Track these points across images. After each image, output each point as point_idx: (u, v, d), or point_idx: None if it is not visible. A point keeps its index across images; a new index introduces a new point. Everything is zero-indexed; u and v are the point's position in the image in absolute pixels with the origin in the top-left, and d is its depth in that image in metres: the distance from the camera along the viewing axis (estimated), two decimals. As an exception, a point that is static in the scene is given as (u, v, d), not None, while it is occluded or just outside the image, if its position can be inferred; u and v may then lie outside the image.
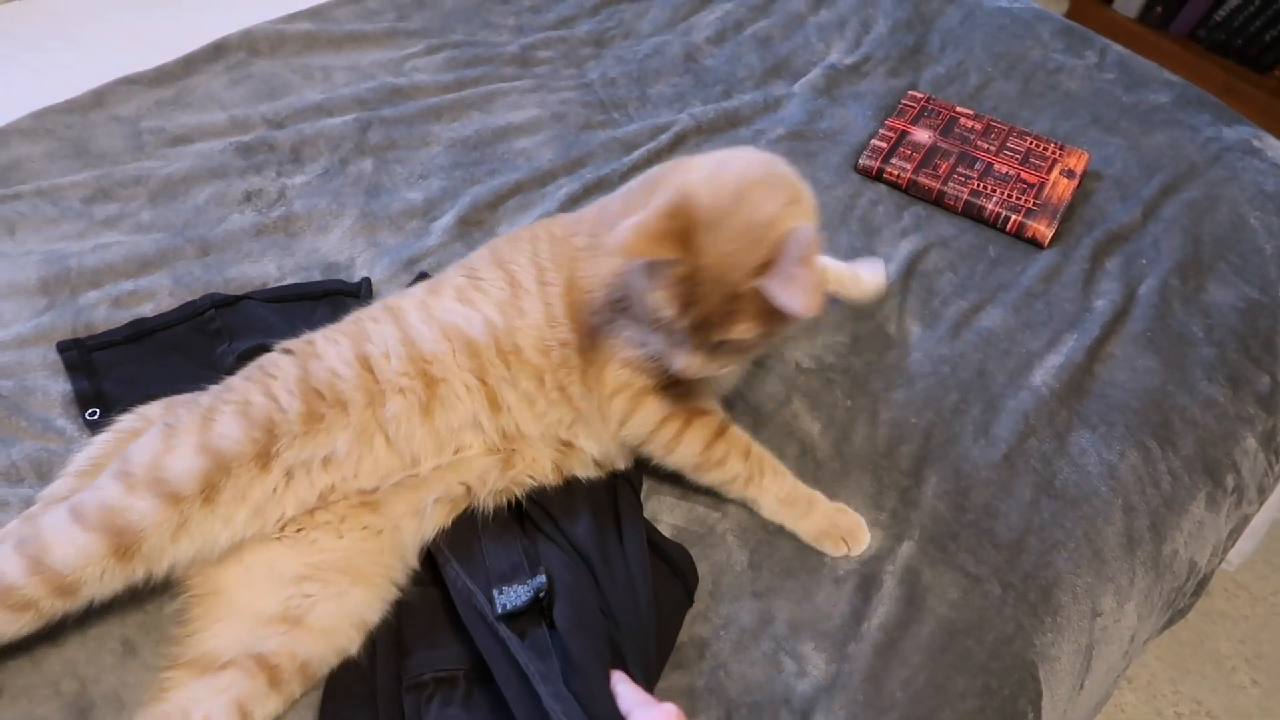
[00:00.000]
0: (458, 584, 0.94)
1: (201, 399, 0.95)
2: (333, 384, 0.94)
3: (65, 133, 1.37)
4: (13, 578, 0.83)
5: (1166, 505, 1.14)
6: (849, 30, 1.73)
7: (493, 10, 1.67)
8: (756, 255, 0.87)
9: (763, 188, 0.90)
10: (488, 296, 1.01)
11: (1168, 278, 1.35)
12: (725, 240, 0.87)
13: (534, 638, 0.89)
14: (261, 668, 0.88)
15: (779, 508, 1.05)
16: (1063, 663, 1.01)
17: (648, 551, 0.97)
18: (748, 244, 0.87)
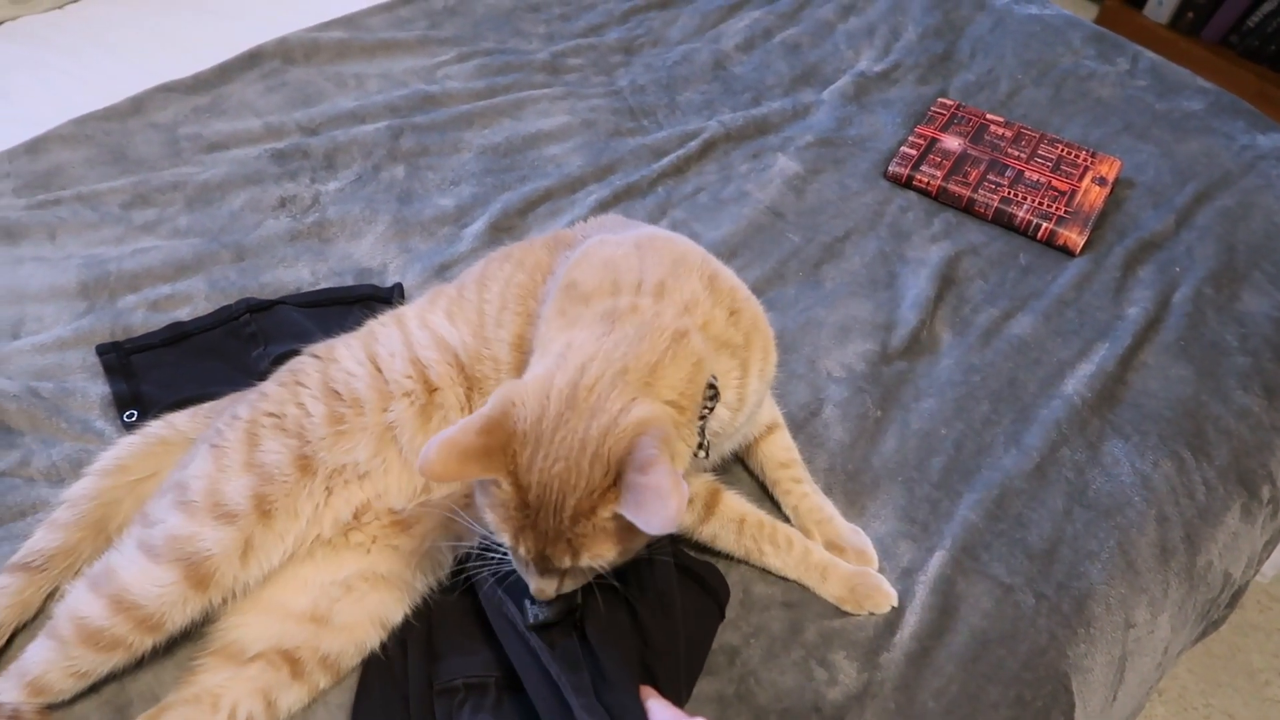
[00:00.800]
0: (488, 591, 0.94)
1: (240, 410, 0.95)
2: (348, 383, 0.95)
3: (104, 139, 1.39)
4: (98, 620, 0.85)
5: (1201, 516, 1.12)
6: (878, 37, 1.72)
7: (523, 18, 1.68)
8: (598, 471, 0.75)
9: (608, 375, 0.78)
10: (465, 319, 0.98)
11: (1201, 286, 1.34)
12: (555, 458, 0.76)
13: (565, 649, 0.88)
14: (285, 660, 0.90)
15: (791, 576, 1.01)
16: (1096, 674, 1.01)
17: (674, 569, 0.96)
18: (584, 465, 0.75)
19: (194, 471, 0.91)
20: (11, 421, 1.07)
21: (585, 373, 0.78)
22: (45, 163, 1.35)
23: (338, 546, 0.95)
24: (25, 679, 0.86)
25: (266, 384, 0.98)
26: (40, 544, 0.94)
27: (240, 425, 0.93)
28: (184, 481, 0.90)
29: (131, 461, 0.99)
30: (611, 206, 1.37)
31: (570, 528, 0.77)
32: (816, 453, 1.12)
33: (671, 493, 0.71)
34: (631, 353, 0.80)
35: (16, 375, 1.12)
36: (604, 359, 0.79)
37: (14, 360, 1.13)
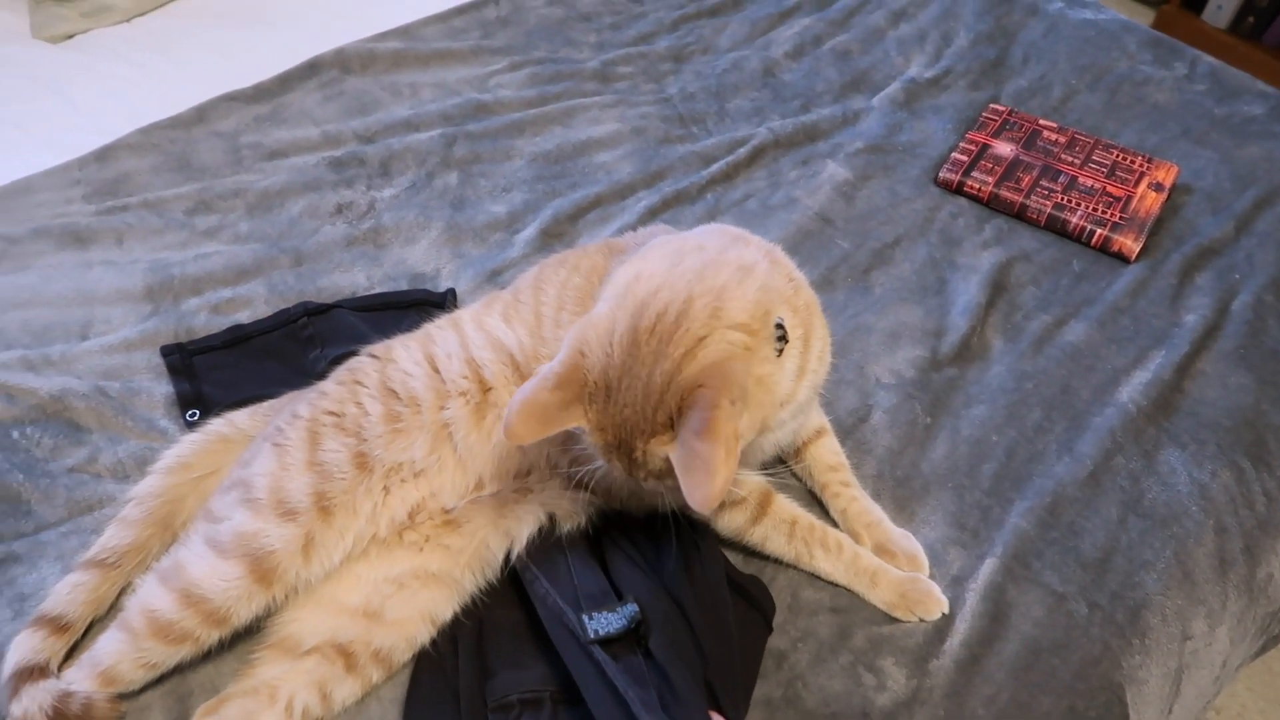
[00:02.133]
0: (547, 601, 0.93)
1: (300, 409, 0.98)
2: (405, 382, 0.97)
3: (170, 147, 1.44)
4: (168, 613, 0.88)
5: (1261, 527, 1.10)
6: (929, 44, 1.72)
7: (574, 28, 1.70)
8: (660, 417, 0.78)
9: (672, 311, 0.80)
10: (522, 321, 1.01)
11: (1262, 293, 1.31)
12: (623, 404, 0.79)
13: (628, 664, 0.87)
14: (339, 654, 0.92)
15: (840, 581, 1.01)
16: (1151, 686, 0.99)
17: (726, 582, 0.96)
18: (649, 409, 0.79)
19: (258, 469, 0.93)
20: (80, 419, 1.11)
21: (648, 310, 0.79)
22: (114, 170, 1.40)
23: (391, 545, 0.97)
24: (97, 669, 0.89)
25: (326, 383, 1.01)
26: (112, 540, 0.97)
27: (301, 424, 0.96)
28: (248, 479, 0.93)
29: (194, 459, 1.02)
30: (661, 213, 1.39)
31: (644, 463, 0.81)
32: (865, 459, 1.12)
33: (719, 469, 0.73)
34: (697, 279, 0.81)
35: (85, 375, 1.15)
36: (669, 289, 0.80)
37: (83, 360, 1.17)
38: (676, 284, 0.81)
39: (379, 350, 1.02)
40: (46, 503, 1.04)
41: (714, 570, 0.96)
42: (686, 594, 0.93)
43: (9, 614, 0.96)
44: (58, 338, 1.19)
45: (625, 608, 0.90)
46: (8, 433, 1.09)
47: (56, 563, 1.00)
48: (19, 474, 1.06)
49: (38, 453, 1.08)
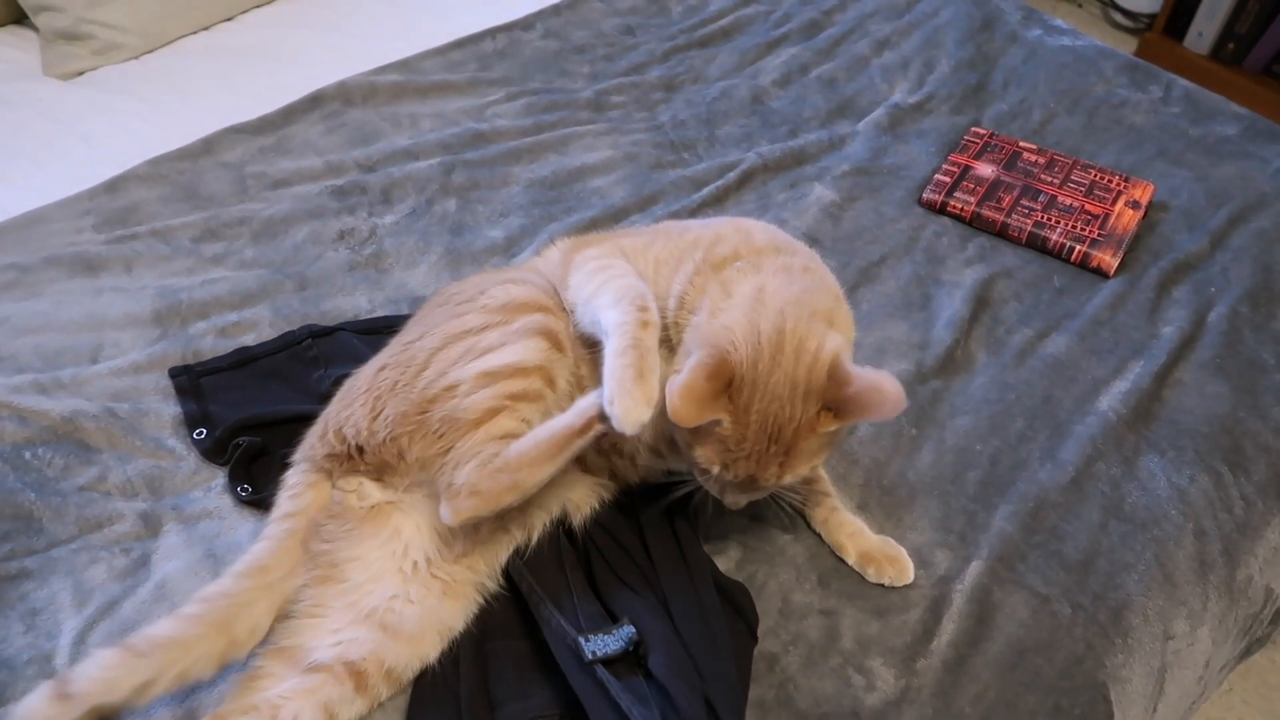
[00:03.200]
0: (552, 623, 0.94)
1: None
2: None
3: (177, 178, 1.48)
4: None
5: (1239, 530, 1.13)
6: (912, 70, 1.77)
7: (568, 59, 1.75)
8: (809, 408, 0.88)
9: (801, 334, 0.89)
10: (544, 261, 1.09)
11: (1237, 306, 1.35)
12: (770, 400, 0.87)
13: (630, 684, 0.88)
14: (350, 674, 0.91)
15: (817, 526, 1.08)
16: (1134, 684, 1.01)
17: (715, 591, 0.98)
18: (797, 400, 0.87)
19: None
20: (91, 439, 1.14)
21: (785, 317, 0.89)
22: (123, 200, 1.44)
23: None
24: None
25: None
26: (153, 630, 0.90)
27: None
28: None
29: (271, 560, 0.97)
30: (654, 235, 1.43)
31: (783, 454, 0.88)
32: (852, 469, 1.15)
33: (884, 379, 0.86)
34: (816, 299, 0.93)
35: (95, 396, 1.19)
36: (796, 304, 0.91)
37: (93, 383, 1.20)
38: (802, 299, 0.92)
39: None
40: (57, 520, 1.07)
41: (702, 578, 0.99)
42: (680, 608, 0.95)
43: (21, 628, 0.99)
44: (69, 361, 1.23)
45: (622, 630, 0.92)
46: (20, 453, 1.12)
47: (67, 578, 1.03)
48: (31, 493, 1.09)
49: (49, 472, 1.11)
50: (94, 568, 1.04)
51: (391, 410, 0.96)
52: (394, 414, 0.96)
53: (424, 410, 0.94)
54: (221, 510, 1.10)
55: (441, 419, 0.94)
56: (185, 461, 1.14)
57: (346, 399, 1.02)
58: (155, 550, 1.06)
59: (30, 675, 0.96)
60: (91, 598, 1.02)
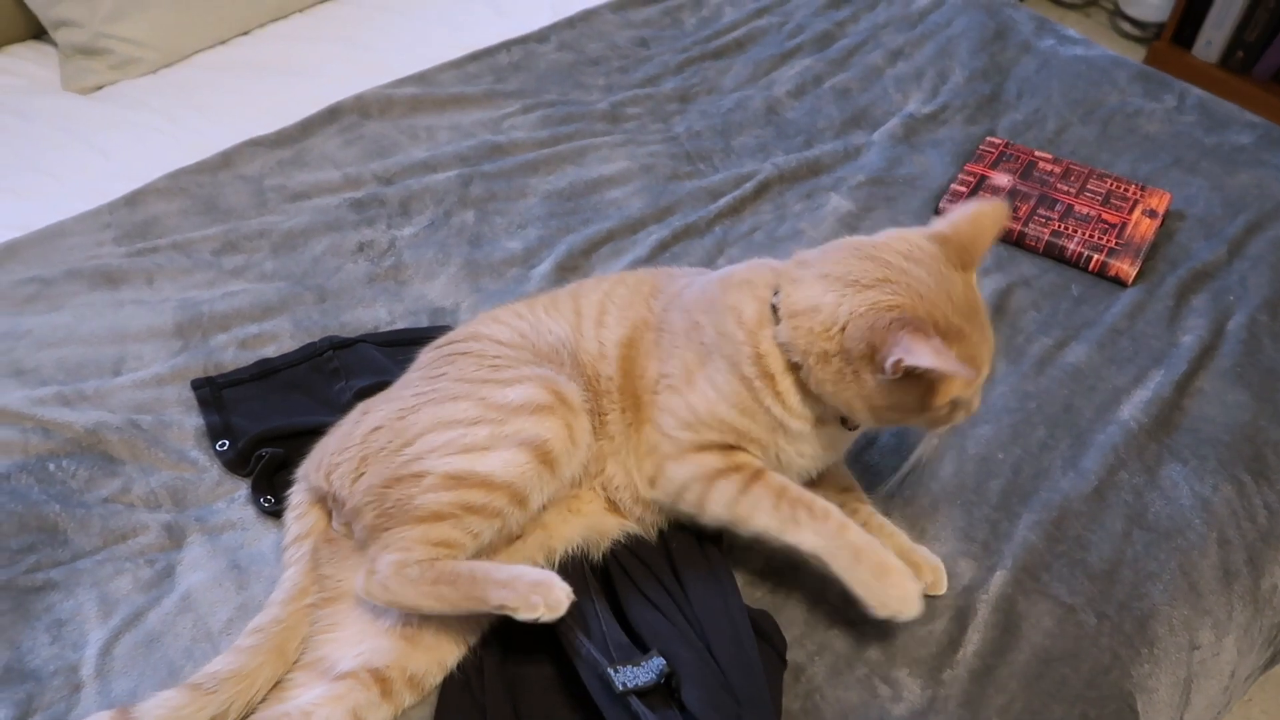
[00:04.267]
0: (581, 651, 0.93)
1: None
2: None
3: (197, 191, 1.49)
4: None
5: (1263, 539, 1.13)
6: (926, 81, 1.78)
7: (584, 72, 1.76)
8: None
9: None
10: (562, 317, 1.08)
11: (1256, 314, 1.35)
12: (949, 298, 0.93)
13: (665, 717, 0.87)
14: (375, 680, 0.93)
15: (820, 552, 0.96)
16: (1160, 694, 1.01)
17: (746, 612, 0.97)
18: (953, 279, 0.94)
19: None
20: (114, 452, 1.15)
21: (879, 245, 0.97)
22: (143, 214, 1.45)
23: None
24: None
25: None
26: (216, 665, 0.93)
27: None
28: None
29: (306, 582, 0.99)
30: (671, 246, 1.43)
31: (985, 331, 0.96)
32: (874, 481, 1.15)
33: None
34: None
35: (118, 409, 1.19)
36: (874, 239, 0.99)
37: (116, 395, 1.21)
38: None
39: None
40: (82, 532, 1.08)
41: (735, 601, 0.98)
42: (713, 631, 0.95)
43: (47, 639, 1.00)
44: (91, 374, 1.24)
45: (652, 661, 0.91)
46: (44, 465, 1.12)
47: (92, 589, 1.04)
48: (55, 505, 1.09)
49: (73, 484, 1.12)
50: (119, 579, 1.05)
51: (368, 479, 0.97)
52: (367, 484, 0.97)
53: (388, 486, 0.96)
54: (245, 522, 1.10)
55: (395, 501, 0.95)
56: (208, 473, 1.15)
57: (343, 443, 1.02)
58: (180, 561, 1.07)
59: (57, 685, 0.96)
60: (117, 609, 1.02)
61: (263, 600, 1.02)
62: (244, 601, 1.03)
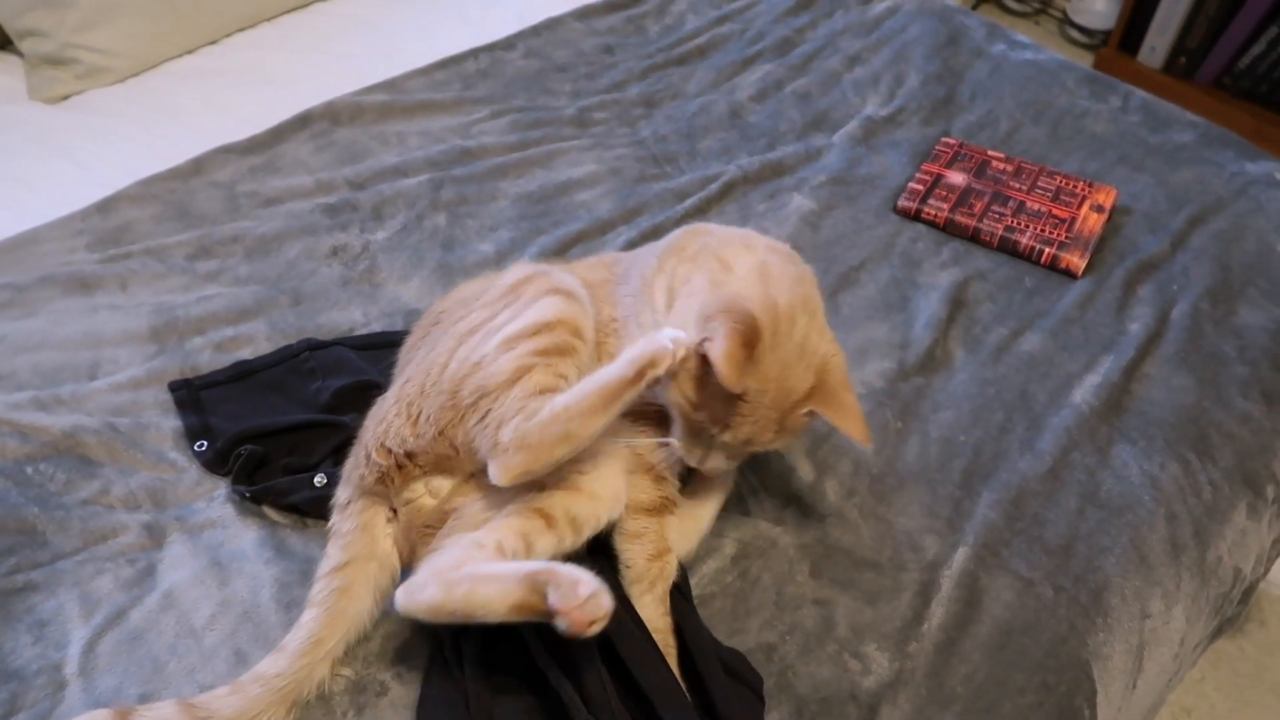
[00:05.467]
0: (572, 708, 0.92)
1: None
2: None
3: (169, 197, 1.50)
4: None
5: (1208, 514, 1.19)
6: (883, 85, 1.83)
7: (550, 78, 1.80)
8: (807, 382, 0.95)
9: (803, 313, 0.97)
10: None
11: (1199, 302, 1.42)
12: (783, 367, 0.93)
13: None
14: (539, 514, 0.93)
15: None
16: (1115, 661, 1.06)
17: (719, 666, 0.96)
18: (801, 371, 0.94)
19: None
20: (92, 454, 1.16)
21: (794, 293, 0.97)
22: (115, 220, 1.46)
23: None
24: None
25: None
26: (218, 703, 0.91)
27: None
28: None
29: (324, 632, 0.95)
30: (639, 246, 1.46)
31: (781, 420, 0.94)
32: (841, 459, 1.19)
33: (859, 412, 0.98)
34: (811, 288, 1.02)
35: (95, 412, 1.20)
36: (799, 282, 1.00)
37: (93, 399, 1.22)
38: (794, 289, 0.98)
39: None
40: (62, 533, 1.09)
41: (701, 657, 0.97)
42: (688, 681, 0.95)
43: (29, 639, 1.00)
44: (67, 378, 1.24)
45: None
46: (22, 469, 1.13)
47: (74, 589, 1.04)
48: (34, 507, 1.10)
49: (51, 487, 1.13)
50: (100, 579, 1.06)
51: (429, 408, 0.97)
52: (432, 411, 0.96)
53: (456, 392, 0.95)
54: (225, 520, 1.12)
55: (473, 391, 0.94)
56: (187, 473, 1.16)
57: (377, 419, 1.02)
58: (161, 560, 1.08)
59: (40, 684, 0.97)
60: (99, 608, 1.03)
61: (245, 596, 1.05)
62: (226, 597, 1.05)
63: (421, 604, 0.89)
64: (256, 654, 1.00)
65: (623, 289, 1.08)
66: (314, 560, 1.07)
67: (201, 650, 1.01)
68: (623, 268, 1.12)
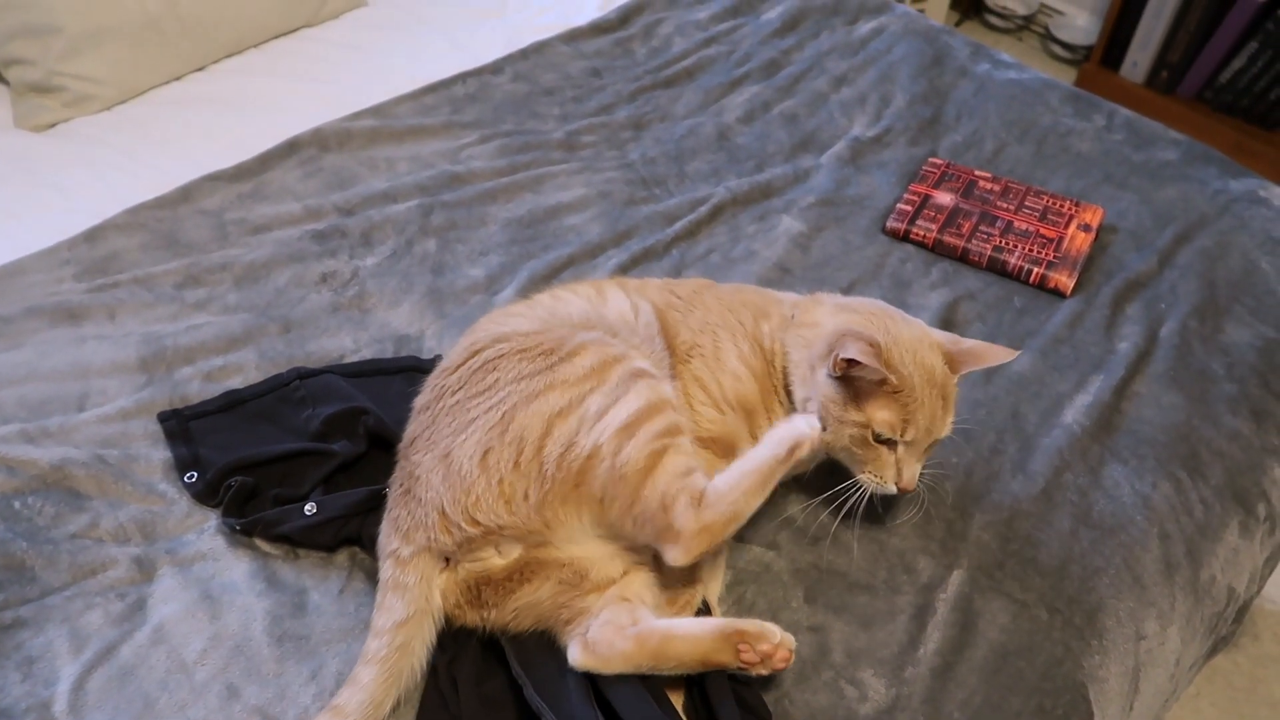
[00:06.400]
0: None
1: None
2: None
3: (157, 226, 1.49)
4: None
5: (1201, 532, 1.19)
6: (869, 105, 1.85)
7: (538, 102, 1.80)
8: (938, 357, 1.08)
9: (891, 317, 1.12)
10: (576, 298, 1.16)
11: (1186, 320, 1.43)
12: (912, 352, 1.06)
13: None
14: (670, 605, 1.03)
15: None
16: (1111, 684, 1.06)
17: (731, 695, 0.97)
18: (927, 351, 1.07)
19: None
20: (80, 487, 1.15)
21: (873, 308, 1.14)
22: (103, 249, 1.45)
23: None
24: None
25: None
26: None
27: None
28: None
29: (382, 694, 0.95)
30: (630, 269, 1.47)
31: (944, 398, 1.08)
32: (830, 480, 1.18)
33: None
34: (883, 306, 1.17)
35: (83, 444, 1.19)
36: (867, 306, 1.16)
37: (81, 430, 1.21)
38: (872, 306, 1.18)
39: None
40: (50, 568, 1.08)
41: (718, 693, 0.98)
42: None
43: (18, 677, 0.99)
44: (55, 410, 1.23)
45: None
46: (9, 503, 1.12)
47: (63, 625, 1.03)
48: (22, 542, 1.09)
49: (39, 521, 1.12)
50: (89, 614, 1.05)
51: (533, 491, 0.97)
52: (535, 494, 0.97)
53: (579, 484, 0.97)
54: (216, 552, 1.11)
55: (604, 485, 0.96)
56: (177, 505, 1.15)
57: (454, 483, 0.98)
58: (151, 594, 1.07)
59: (30, 724, 0.96)
60: (88, 643, 1.02)
61: (237, 629, 1.04)
62: (217, 631, 1.04)
63: (608, 657, 0.95)
64: (249, 689, 1.00)
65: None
66: (306, 591, 1.08)
67: (193, 685, 1.00)
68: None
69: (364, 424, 1.19)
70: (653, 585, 1.02)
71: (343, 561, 1.11)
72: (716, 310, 1.16)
